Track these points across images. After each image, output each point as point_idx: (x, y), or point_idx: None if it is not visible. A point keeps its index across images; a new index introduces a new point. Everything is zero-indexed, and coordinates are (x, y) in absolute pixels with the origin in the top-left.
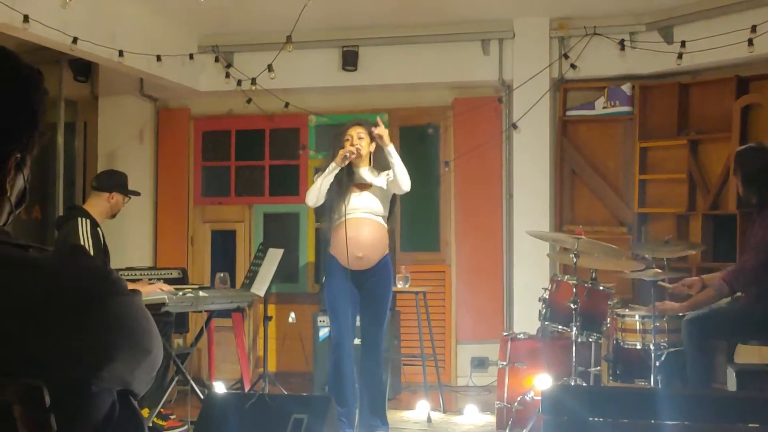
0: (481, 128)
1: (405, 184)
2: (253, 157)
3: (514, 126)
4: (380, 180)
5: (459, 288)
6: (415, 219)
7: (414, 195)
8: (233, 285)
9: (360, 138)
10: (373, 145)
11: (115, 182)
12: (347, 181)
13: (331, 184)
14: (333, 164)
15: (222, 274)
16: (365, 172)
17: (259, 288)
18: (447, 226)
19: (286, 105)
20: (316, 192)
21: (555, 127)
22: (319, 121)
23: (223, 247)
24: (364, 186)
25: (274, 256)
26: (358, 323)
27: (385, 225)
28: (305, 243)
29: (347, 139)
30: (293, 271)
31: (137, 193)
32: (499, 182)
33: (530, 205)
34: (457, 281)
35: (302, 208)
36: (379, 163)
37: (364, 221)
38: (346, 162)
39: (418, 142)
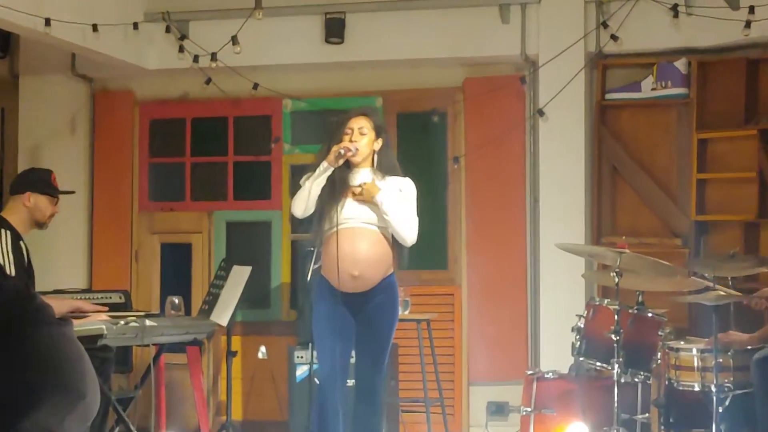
0: (498, 116)
1: (408, 237)
2: (213, 151)
3: (540, 113)
4: (385, 186)
5: (471, 315)
6: (417, 230)
7: (417, 200)
8: (188, 312)
9: (362, 133)
10: (379, 142)
11: (31, 180)
12: (342, 183)
13: (323, 188)
14: (325, 163)
15: (174, 299)
16: (366, 175)
17: (221, 315)
18: (456, 238)
19: (255, 87)
20: (305, 199)
21: (591, 114)
22: (296, 106)
23: (176, 264)
24: (363, 191)
25: (240, 275)
26: (352, 360)
27: (389, 238)
28: (278, 259)
29: (347, 133)
30: (264, 294)
31: (67, 192)
32: (522, 183)
33: (561, 211)
34: (469, 306)
35: (275, 215)
36: (385, 164)
37: (362, 232)
38: (341, 161)
39: (419, 133)
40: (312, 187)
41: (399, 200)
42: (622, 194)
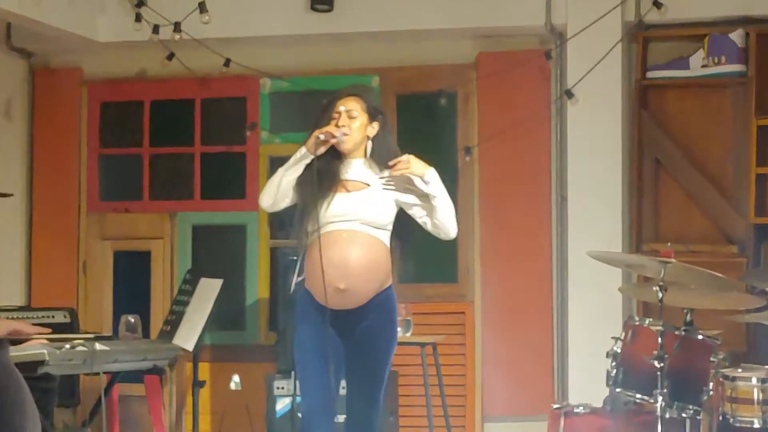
0: (518, 98)
1: (452, 229)
2: (177, 141)
3: (569, 94)
4: (379, 179)
5: (486, 337)
6: (420, 234)
7: None
8: (147, 334)
9: (352, 116)
10: (374, 126)
11: None
12: (330, 176)
13: (306, 182)
14: (303, 149)
15: (130, 318)
16: (359, 167)
17: (186, 338)
18: (468, 245)
19: (227, 63)
20: (275, 189)
21: (630, 96)
22: (276, 86)
23: (132, 276)
24: (356, 185)
25: (209, 290)
26: (342, 391)
27: (387, 243)
28: (255, 270)
29: (334, 117)
30: (237, 312)
31: (1, 195)
32: (547, 179)
33: (593, 212)
34: (483, 327)
35: (250, 217)
36: (382, 153)
37: (353, 235)
38: (322, 149)
39: (423, 118)
40: (284, 175)
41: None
42: (667, 192)
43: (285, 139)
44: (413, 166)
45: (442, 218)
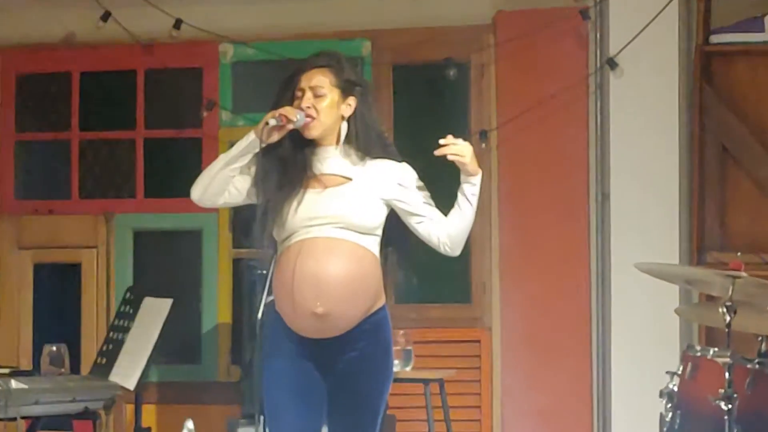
0: (548, 69)
1: (460, 246)
2: (114, 123)
3: (612, 63)
4: (362, 172)
5: (507, 371)
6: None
7: None
8: (76, 368)
9: (318, 94)
10: (350, 104)
11: None
12: (298, 168)
13: (267, 175)
14: (251, 135)
15: (54, 348)
16: (334, 156)
17: (127, 374)
18: (484, 256)
19: (178, 24)
20: (207, 180)
21: (689, 66)
22: (239, 54)
23: (58, 294)
24: (333, 180)
25: (155, 312)
26: None
27: (376, 252)
28: (213, 288)
29: (297, 96)
30: (192, 341)
31: None
32: (584, 171)
33: (643, 214)
34: (503, 359)
35: (208, 220)
36: (362, 138)
37: (331, 243)
38: (275, 136)
39: (427, 95)
40: (223, 165)
41: (414, 198)
42: (736, 188)
43: (251, 120)
44: (470, 158)
45: (459, 233)
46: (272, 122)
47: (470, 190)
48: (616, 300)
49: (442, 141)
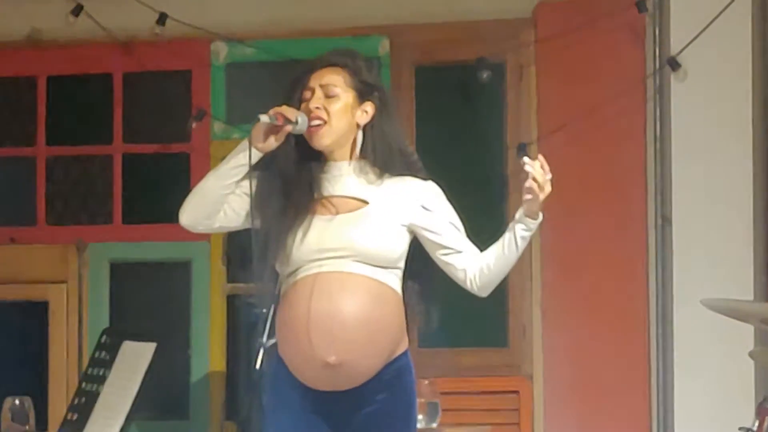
0: (598, 70)
1: (489, 289)
2: (88, 137)
3: (674, 64)
4: (380, 193)
5: (551, 427)
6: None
7: None
8: (43, 425)
9: (330, 95)
10: (367, 110)
11: None
12: (304, 188)
13: (269, 196)
14: (246, 143)
15: (17, 401)
16: (345, 173)
17: (103, 431)
18: (524, 292)
19: (162, 20)
20: (198, 200)
21: (764, 65)
22: (234, 55)
23: (21, 337)
24: (346, 204)
25: (136, 359)
26: None
27: (398, 289)
28: (204, 329)
29: (305, 98)
30: (179, 393)
31: None
32: (641, 190)
33: (710, 241)
34: (546, 412)
35: (198, 250)
36: (382, 152)
37: (346, 279)
38: (273, 142)
39: (455, 101)
40: (214, 181)
41: (441, 225)
42: None
43: (247, 132)
44: (544, 197)
45: (494, 276)
46: (264, 119)
47: (524, 232)
48: (679, 343)
49: (527, 160)
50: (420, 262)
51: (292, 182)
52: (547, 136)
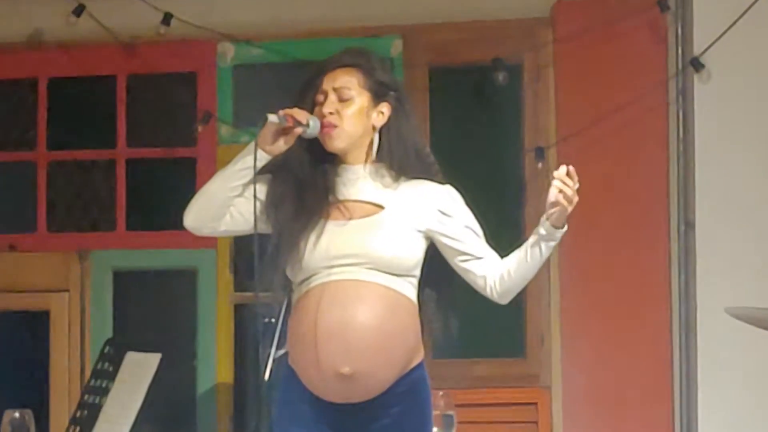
0: (619, 71)
1: (509, 297)
2: (90, 141)
3: (697, 65)
4: (396, 197)
5: None
6: (466, 284)
7: None
8: None
9: (344, 98)
10: (383, 111)
11: None
12: (318, 192)
13: (280, 200)
14: (252, 144)
15: (17, 415)
16: (361, 177)
17: None
18: (541, 300)
19: (167, 20)
20: (204, 202)
21: None
22: (242, 55)
23: (21, 348)
24: (360, 209)
25: (140, 370)
26: None
27: (413, 298)
28: (211, 340)
29: (319, 101)
30: (185, 406)
31: None
32: (664, 194)
33: (736, 247)
34: (565, 425)
35: (204, 258)
36: (398, 155)
37: (360, 288)
38: (281, 144)
39: (471, 103)
40: (221, 183)
41: (459, 231)
42: None
43: (255, 136)
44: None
45: (515, 283)
46: (273, 119)
47: (550, 241)
48: (703, 353)
49: (561, 172)
50: (436, 270)
51: (306, 185)
52: (565, 140)
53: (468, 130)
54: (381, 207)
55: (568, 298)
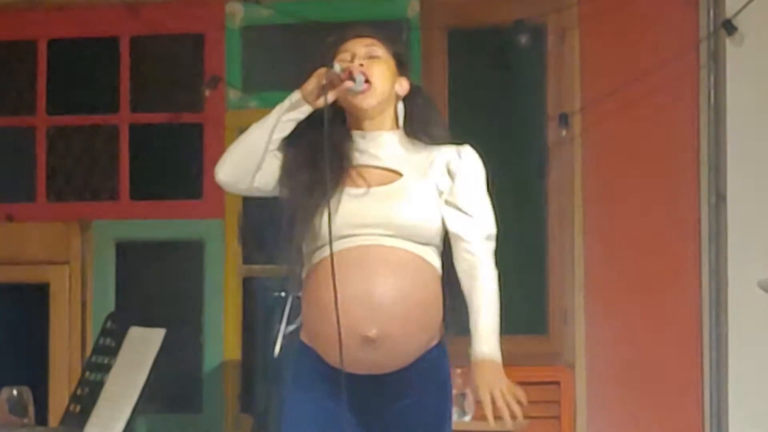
0: (647, 33)
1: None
2: (91, 105)
3: (729, 27)
4: (416, 162)
5: (594, 420)
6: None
7: None
8: (43, 418)
9: (373, 55)
10: (403, 85)
11: None
12: (339, 155)
13: (299, 165)
14: (296, 94)
15: (14, 391)
16: (384, 143)
17: (108, 425)
18: (564, 274)
19: None
20: (241, 154)
21: None
22: (251, 16)
23: (20, 324)
24: (380, 175)
25: (143, 346)
26: None
27: (437, 266)
28: (218, 315)
29: (345, 59)
30: (190, 383)
31: None
32: (693, 165)
33: (766, 221)
34: (589, 406)
35: (211, 228)
36: (420, 122)
37: (385, 253)
38: (330, 97)
39: (491, 68)
40: (259, 135)
41: (465, 189)
42: None
43: (265, 101)
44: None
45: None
46: (337, 67)
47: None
48: (733, 328)
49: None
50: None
51: (322, 152)
52: (591, 105)
53: (488, 97)
54: (399, 174)
55: (592, 272)
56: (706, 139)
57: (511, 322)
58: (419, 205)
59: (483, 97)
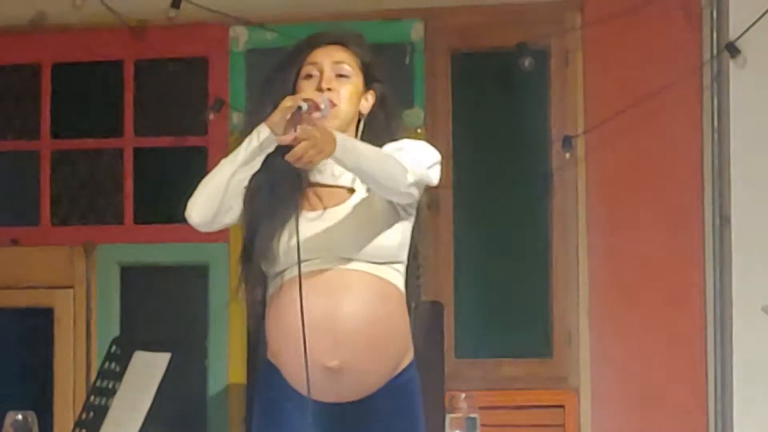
0: (651, 56)
1: (393, 184)
2: (96, 129)
3: (733, 50)
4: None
5: None
6: (488, 272)
7: (486, 220)
8: None
9: (342, 74)
10: (368, 99)
11: None
12: (292, 184)
13: (254, 192)
14: (264, 130)
15: (20, 417)
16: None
17: None
18: (569, 296)
19: (177, 3)
20: (218, 191)
21: None
22: (255, 40)
23: (25, 348)
24: (333, 195)
25: (148, 371)
26: None
27: (400, 287)
28: (223, 338)
29: (310, 74)
30: (195, 408)
31: None
32: (697, 187)
33: None
34: (595, 430)
35: (216, 252)
36: (378, 135)
37: (344, 277)
38: (293, 130)
39: (495, 90)
40: (234, 171)
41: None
42: None
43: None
44: (309, 153)
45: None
46: (304, 107)
47: (347, 164)
48: (738, 353)
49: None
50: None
51: (279, 176)
52: (594, 129)
53: (492, 119)
54: (352, 190)
55: (596, 295)
56: (709, 161)
57: (515, 345)
58: (374, 222)
59: (486, 119)
